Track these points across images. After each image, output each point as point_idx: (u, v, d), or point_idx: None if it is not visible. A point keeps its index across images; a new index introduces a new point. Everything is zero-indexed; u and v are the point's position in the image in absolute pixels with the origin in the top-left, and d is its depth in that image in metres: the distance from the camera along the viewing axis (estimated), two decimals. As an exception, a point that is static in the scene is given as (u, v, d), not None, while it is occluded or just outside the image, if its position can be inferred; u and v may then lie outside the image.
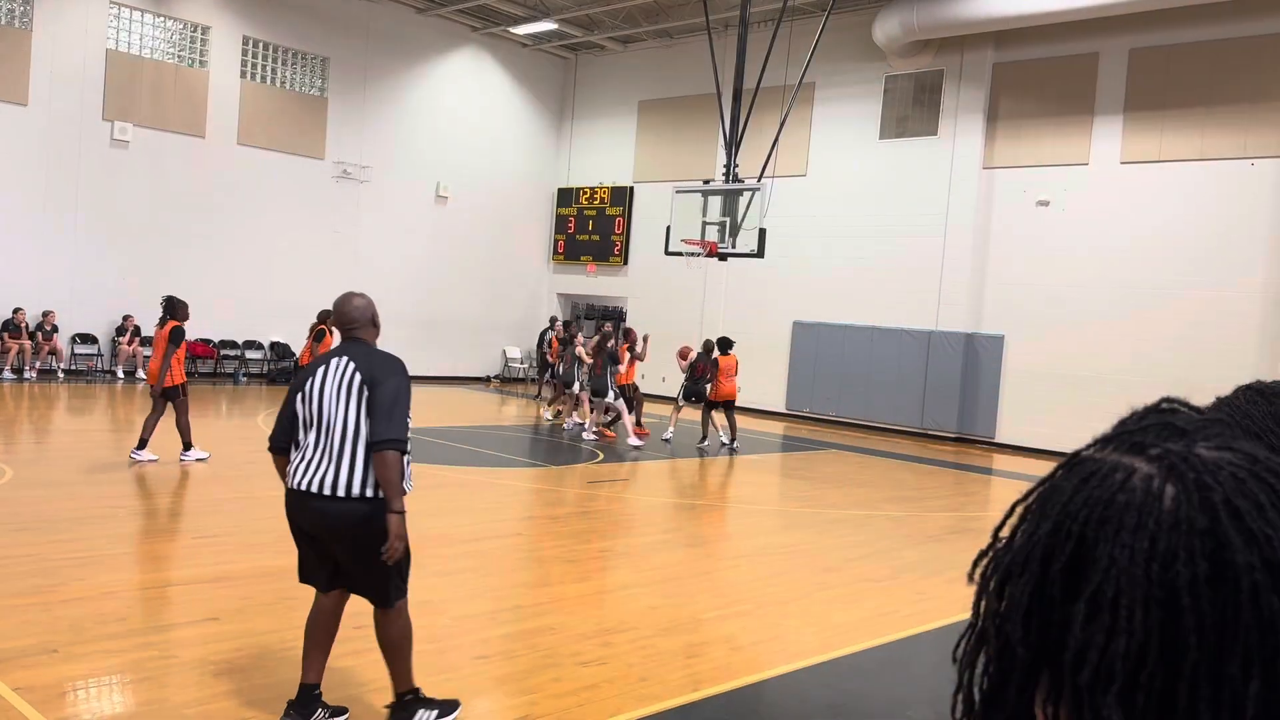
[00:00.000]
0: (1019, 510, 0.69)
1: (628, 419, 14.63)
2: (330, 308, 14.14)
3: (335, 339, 12.52)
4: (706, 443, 14.89)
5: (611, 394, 14.55)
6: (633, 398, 15.40)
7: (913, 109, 19.19)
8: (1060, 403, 16.73)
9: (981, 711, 0.68)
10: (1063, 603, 0.62)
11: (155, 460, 10.19)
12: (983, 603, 0.69)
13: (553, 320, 21.32)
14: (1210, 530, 0.59)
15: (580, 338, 16.30)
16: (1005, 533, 0.70)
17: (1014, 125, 18.05)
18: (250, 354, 20.21)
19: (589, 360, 14.93)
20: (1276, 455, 1.14)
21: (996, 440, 17.86)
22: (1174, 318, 15.99)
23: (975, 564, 0.71)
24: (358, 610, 5.98)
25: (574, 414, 15.92)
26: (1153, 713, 0.58)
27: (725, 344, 14.99)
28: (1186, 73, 16.16)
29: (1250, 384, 1.22)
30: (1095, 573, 0.61)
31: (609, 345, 14.72)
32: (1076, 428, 12.59)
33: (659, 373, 20.36)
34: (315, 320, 14.87)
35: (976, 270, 18.26)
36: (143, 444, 10.31)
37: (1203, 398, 1.22)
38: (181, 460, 10.33)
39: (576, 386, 15.60)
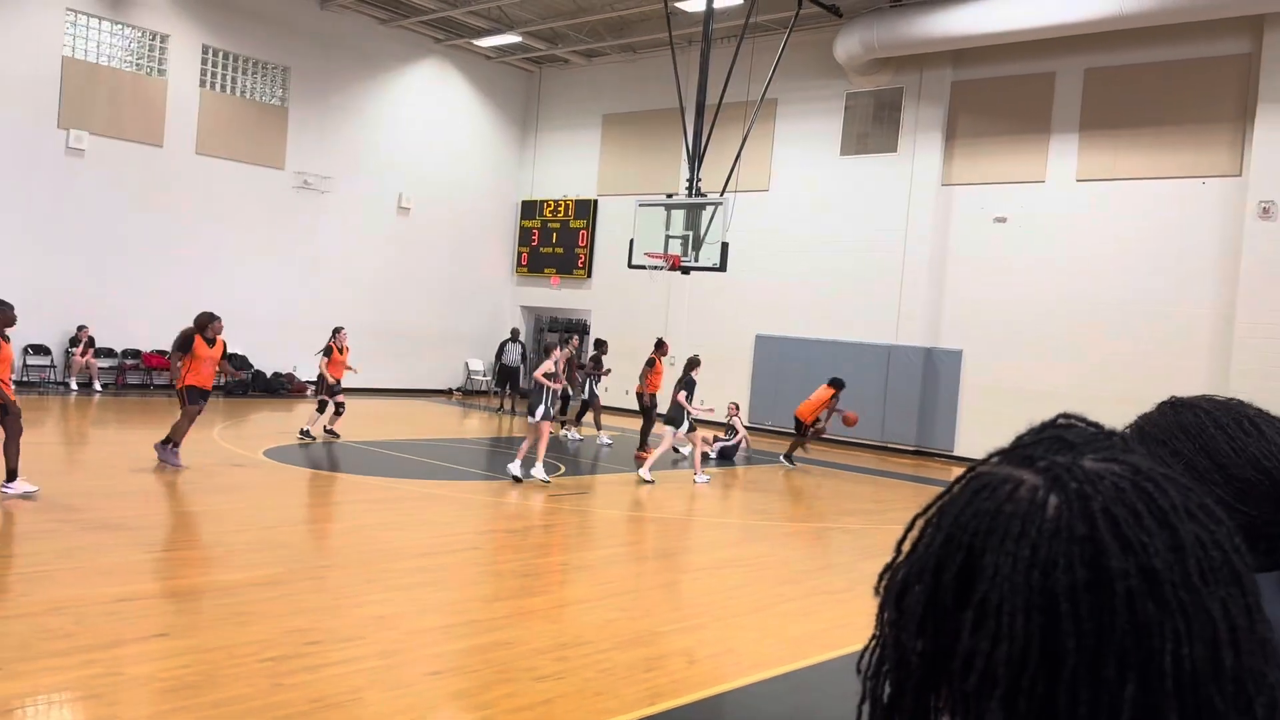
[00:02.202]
0: (919, 524, 0.71)
1: (701, 447, 13.75)
2: (211, 312, 12.41)
3: (210, 350, 10.87)
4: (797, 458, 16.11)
5: (686, 425, 13.11)
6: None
7: (873, 126, 19.39)
8: (1017, 416, 16.40)
9: (883, 719, 0.70)
10: (954, 611, 0.64)
11: (35, 491, 8.82)
12: (885, 614, 0.70)
13: (514, 332, 21.20)
14: (1089, 537, 0.61)
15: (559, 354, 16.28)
16: (907, 546, 0.71)
17: (972, 143, 18.30)
18: (208, 366, 19.92)
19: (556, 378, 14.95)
20: (1180, 459, 1.19)
21: (955, 454, 18.03)
22: (1127, 333, 16.25)
23: (880, 577, 0.72)
24: (310, 626, 5.92)
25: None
26: (1034, 717, 0.60)
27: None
28: (1140, 93, 16.48)
29: (1168, 399, 1.29)
30: (982, 581, 0.63)
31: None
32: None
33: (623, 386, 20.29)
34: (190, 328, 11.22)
35: (935, 286, 18.46)
36: (11, 475, 8.78)
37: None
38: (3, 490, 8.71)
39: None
